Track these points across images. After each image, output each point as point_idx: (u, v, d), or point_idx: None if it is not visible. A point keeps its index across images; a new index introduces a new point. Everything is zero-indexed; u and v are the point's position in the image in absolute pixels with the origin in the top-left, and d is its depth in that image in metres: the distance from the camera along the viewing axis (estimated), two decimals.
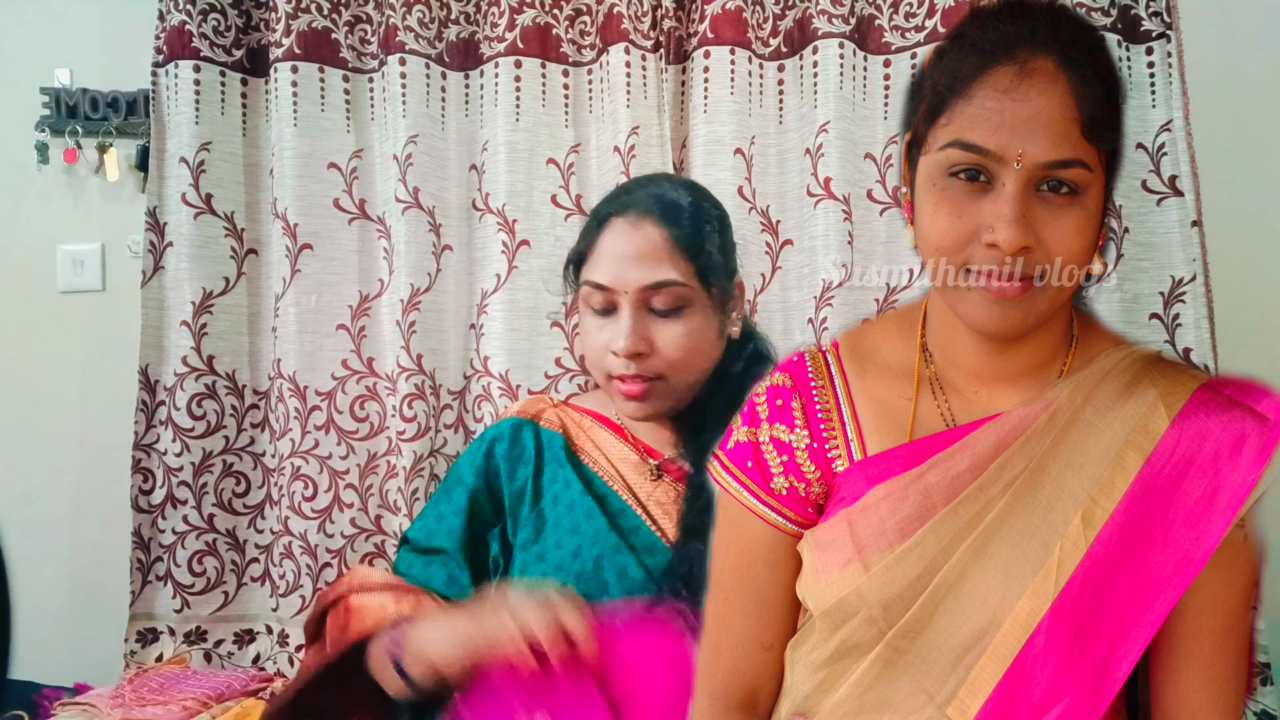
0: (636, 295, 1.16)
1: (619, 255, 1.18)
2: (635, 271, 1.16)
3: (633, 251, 1.17)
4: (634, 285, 1.16)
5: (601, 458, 1.24)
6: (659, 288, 1.16)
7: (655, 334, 1.17)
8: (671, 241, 1.18)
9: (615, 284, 1.17)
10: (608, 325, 1.18)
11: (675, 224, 1.19)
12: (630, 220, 1.19)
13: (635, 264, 1.17)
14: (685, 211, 1.21)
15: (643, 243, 1.17)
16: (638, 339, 1.16)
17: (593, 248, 1.21)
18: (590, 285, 1.19)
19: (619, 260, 1.17)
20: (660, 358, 1.17)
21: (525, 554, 1.21)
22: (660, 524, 1.20)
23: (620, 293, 1.17)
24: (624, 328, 1.16)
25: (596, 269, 1.19)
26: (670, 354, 1.17)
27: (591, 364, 1.23)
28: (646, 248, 1.17)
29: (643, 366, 1.16)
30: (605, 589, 1.15)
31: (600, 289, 1.18)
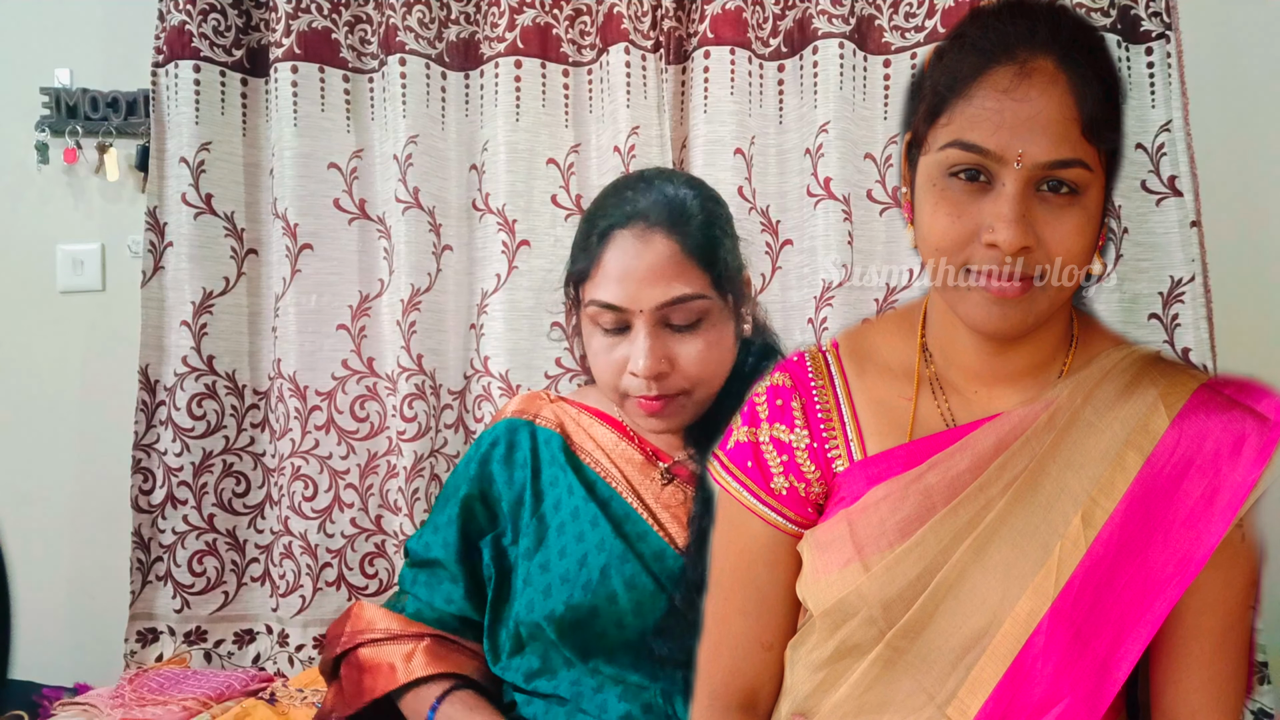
0: (653, 314, 1.09)
1: (629, 273, 1.09)
2: (650, 289, 1.08)
3: (644, 268, 1.09)
4: (649, 304, 1.08)
5: (603, 457, 1.20)
6: (677, 304, 1.09)
7: (675, 351, 1.10)
8: (684, 252, 1.10)
9: (629, 304, 1.09)
10: (620, 344, 1.11)
11: (685, 232, 1.11)
12: (636, 233, 1.10)
13: (649, 281, 1.09)
14: (694, 217, 1.13)
15: (654, 257, 1.09)
16: (658, 359, 1.09)
17: (597, 264, 1.12)
18: (599, 305, 1.11)
19: (629, 278, 1.09)
20: (681, 375, 1.11)
21: (529, 564, 1.17)
22: (669, 529, 1.15)
23: (635, 312, 1.09)
24: (642, 348, 1.09)
25: (604, 288, 1.11)
26: (692, 370, 1.11)
27: (604, 383, 1.16)
28: (658, 262, 1.09)
29: (664, 386, 1.10)
30: (614, 599, 1.11)
31: (611, 309, 1.10)
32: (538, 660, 1.16)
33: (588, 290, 1.13)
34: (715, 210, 1.17)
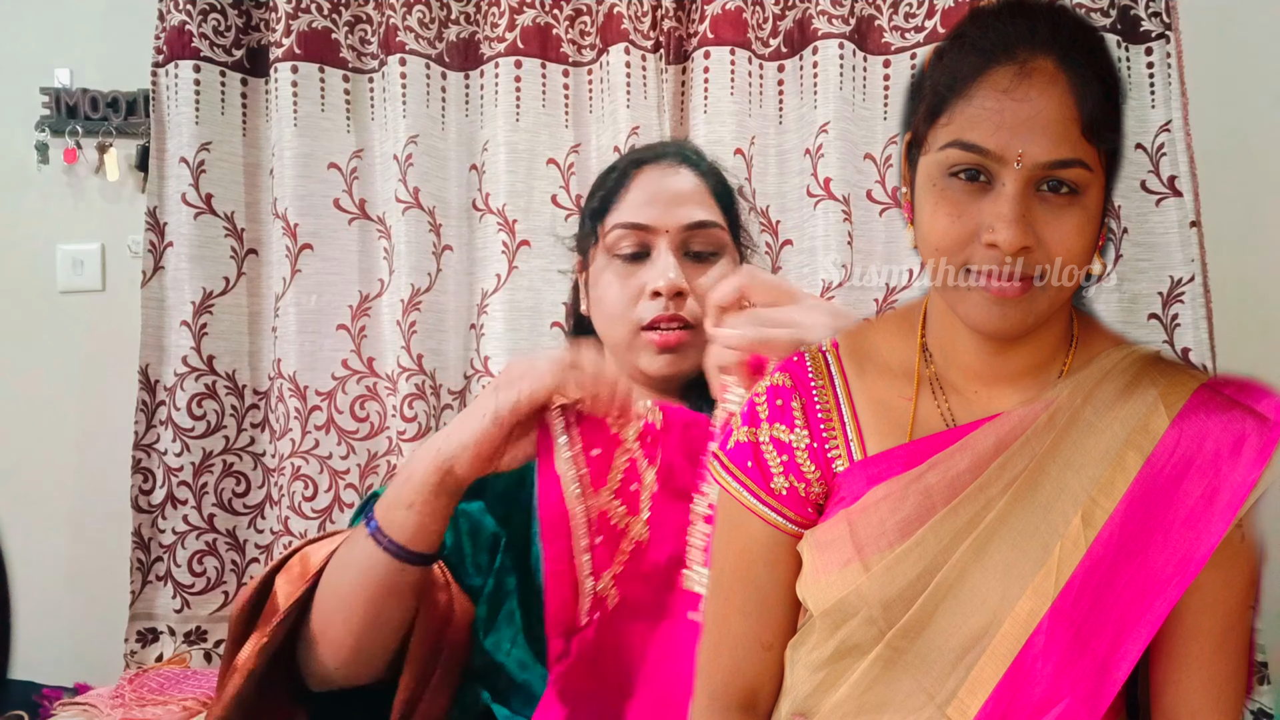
0: (677, 235, 1.15)
1: (657, 195, 1.16)
2: (677, 211, 1.15)
3: (672, 192, 1.17)
4: (676, 224, 1.15)
5: None
6: (700, 227, 1.16)
7: (691, 279, 1.14)
8: (707, 189, 1.19)
9: (656, 223, 1.15)
10: (638, 272, 1.16)
11: (707, 175, 1.21)
12: (664, 167, 1.20)
13: (676, 204, 1.16)
14: (715, 168, 1.24)
15: (682, 184, 1.18)
16: (680, 275, 1.13)
17: (622, 193, 1.19)
18: (624, 227, 1.16)
19: (658, 200, 1.16)
20: (697, 300, 1.13)
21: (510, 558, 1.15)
22: None
23: (661, 232, 1.15)
24: (666, 264, 1.13)
25: (630, 211, 1.17)
26: None
27: (614, 319, 1.17)
28: (686, 189, 1.18)
29: (682, 308, 1.13)
30: None
31: (637, 229, 1.15)
32: None
33: (610, 220, 1.18)
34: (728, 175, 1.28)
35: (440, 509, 1.03)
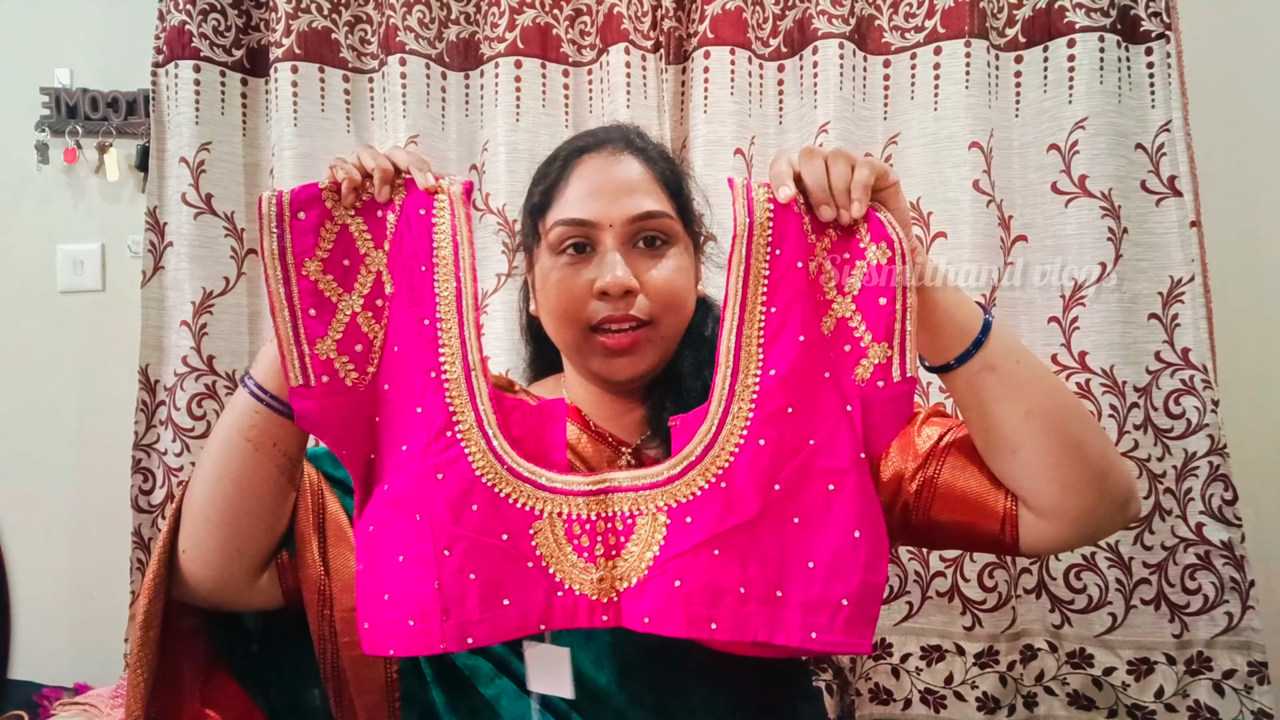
0: (623, 229, 1.06)
1: (599, 188, 1.07)
2: (623, 202, 1.06)
3: (615, 183, 1.08)
4: (620, 217, 1.06)
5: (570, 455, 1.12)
6: (648, 218, 1.07)
7: (642, 272, 1.06)
8: (654, 176, 1.10)
9: (599, 218, 1.06)
10: (585, 269, 1.07)
11: (653, 160, 1.12)
12: (606, 154, 1.10)
13: (622, 194, 1.07)
14: (660, 152, 1.15)
15: (625, 173, 1.09)
16: (628, 272, 1.05)
17: (562, 186, 1.10)
18: (566, 224, 1.07)
19: (601, 192, 1.07)
20: (650, 295, 1.06)
21: None
22: None
23: (604, 227, 1.06)
24: (614, 260, 1.05)
25: (573, 206, 1.08)
26: (661, 290, 1.06)
27: (562, 321, 1.09)
28: (630, 179, 1.08)
29: (633, 306, 1.06)
30: None
31: (579, 225, 1.07)
32: None
33: (551, 216, 1.10)
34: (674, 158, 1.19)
35: None
